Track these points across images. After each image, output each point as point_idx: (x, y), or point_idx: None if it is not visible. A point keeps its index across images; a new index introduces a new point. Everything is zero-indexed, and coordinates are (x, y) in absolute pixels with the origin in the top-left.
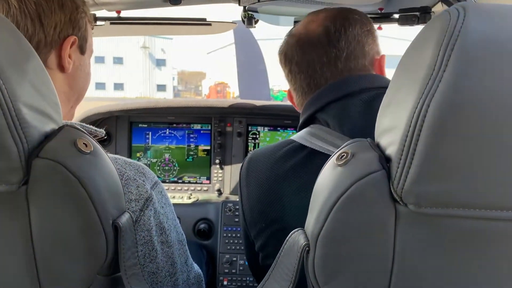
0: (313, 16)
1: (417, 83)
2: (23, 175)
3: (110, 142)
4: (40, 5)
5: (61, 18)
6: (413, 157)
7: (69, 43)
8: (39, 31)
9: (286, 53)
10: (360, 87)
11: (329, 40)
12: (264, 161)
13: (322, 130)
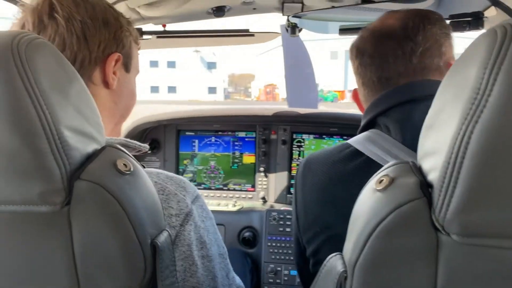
0: (391, 13)
1: (460, 106)
2: (65, 196)
3: (159, 150)
4: (86, 24)
5: (105, 35)
6: (456, 185)
7: (113, 60)
8: (84, 48)
9: (358, 46)
10: (428, 92)
11: (406, 34)
12: (321, 164)
13: (380, 136)
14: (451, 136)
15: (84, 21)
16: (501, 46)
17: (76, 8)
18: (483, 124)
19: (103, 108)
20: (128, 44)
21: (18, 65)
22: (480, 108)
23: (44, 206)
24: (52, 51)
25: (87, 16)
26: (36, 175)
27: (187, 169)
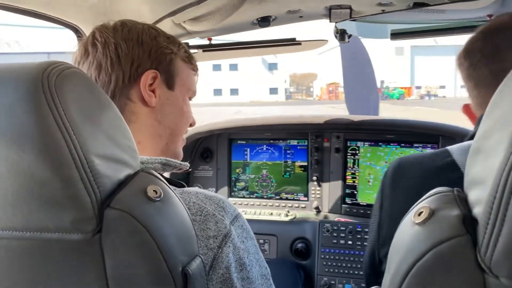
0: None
1: (508, 132)
2: (96, 224)
3: (211, 159)
4: (119, 46)
5: (139, 54)
6: (504, 222)
7: (147, 77)
8: (117, 69)
9: (467, 48)
10: None
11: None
12: (417, 169)
13: None
14: (498, 166)
15: (118, 43)
16: None
17: (113, 33)
18: None
19: (144, 127)
20: (167, 61)
21: (47, 96)
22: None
23: (76, 234)
24: (83, 80)
25: (122, 39)
26: (67, 204)
27: (239, 178)
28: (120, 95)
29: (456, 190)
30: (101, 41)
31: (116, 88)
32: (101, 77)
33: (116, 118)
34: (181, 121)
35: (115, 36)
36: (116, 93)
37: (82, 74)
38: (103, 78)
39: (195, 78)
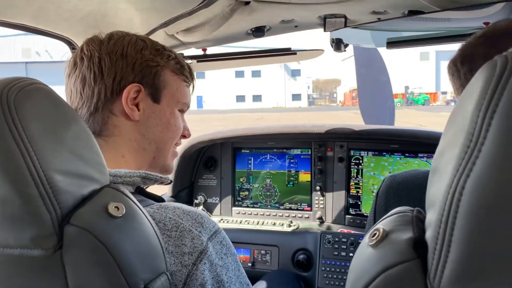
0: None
1: (455, 153)
2: (57, 240)
3: (215, 168)
4: (102, 59)
5: (122, 67)
6: (449, 248)
7: (129, 91)
8: (100, 82)
9: (465, 54)
10: None
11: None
12: (408, 188)
13: None
14: (443, 189)
15: (101, 57)
16: (499, 82)
17: (99, 47)
18: (475, 178)
19: (128, 141)
20: (152, 74)
21: (5, 113)
22: (472, 159)
23: (37, 250)
24: (46, 95)
25: (106, 52)
26: (28, 220)
27: (243, 187)
28: (103, 109)
29: (417, 211)
30: (87, 54)
31: (98, 101)
32: (85, 90)
33: (83, 133)
34: (167, 134)
35: (100, 49)
36: (98, 107)
37: (45, 89)
38: (87, 91)
39: (187, 90)
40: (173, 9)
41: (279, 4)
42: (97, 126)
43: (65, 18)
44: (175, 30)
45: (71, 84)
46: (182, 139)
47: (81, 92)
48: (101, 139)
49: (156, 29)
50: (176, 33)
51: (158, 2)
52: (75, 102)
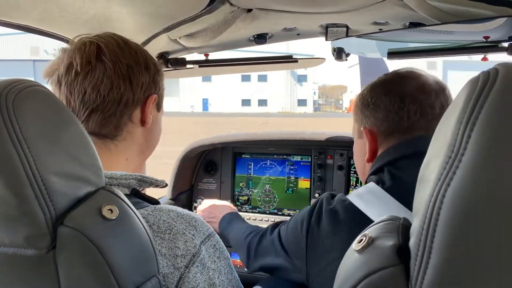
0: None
1: (438, 163)
2: (50, 241)
3: (215, 172)
4: (131, 67)
5: (147, 79)
6: (430, 255)
7: (151, 101)
8: (128, 90)
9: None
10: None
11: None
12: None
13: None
14: (427, 197)
15: (129, 64)
16: (479, 96)
17: (121, 52)
18: (455, 187)
19: (134, 145)
20: (162, 86)
21: (3, 114)
22: (453, 169)
23: (30, 250)
24: (45, 98)
25: (132, 61)
26: (22, 220)
27: (242, 192)
28: (123, 114)
29: (403, 219)
30: (110, 58)
31: (125, 107)
32: (111, 95)
33: (80, 136)
34: (158, 138)
35: (124, 56)
36: (119, 112)
37: (44, 91)
38: (114, 96)
39: None
40: (176, 14)
41: (281, 13)
42: (112, 129)
43: (69, 20)
44: (178, 35)
45: (85, 83)
46: None
47: (105, 95)
48: (113, 143)
49: (159, 34)
50: (179, 38)
51: (162, 8)
52: (90, 102)
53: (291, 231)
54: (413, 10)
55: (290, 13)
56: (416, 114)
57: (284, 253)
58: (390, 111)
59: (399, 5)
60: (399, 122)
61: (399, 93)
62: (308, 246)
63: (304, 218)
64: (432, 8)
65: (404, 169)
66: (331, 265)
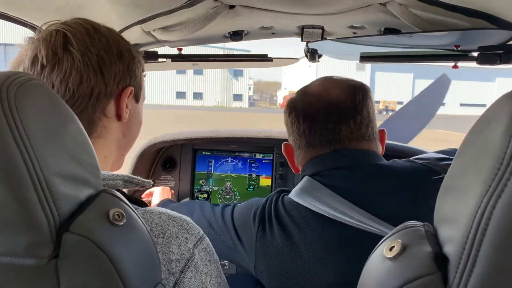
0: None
1: (482, 174)
2: (53, 248)
3: (174, 169)
4: (102, 57)
5: (120, 68)
6: (475, 263)
7: (127, 94)
8: (100, 82)
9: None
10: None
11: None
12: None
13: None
14: (471, 207)
15: (100, 54)
16: None
17: (91, 41)
18: (507, 199)
19: (111, 140)
20: (139, 75)
21: (6, 111)
22: (503, 181)
23: (30, 259)
24: (47, 93)
25: (103, 49)
26: (23, 227)
27: (202, 189)
28: (95, 109)
29: (426, 225)
30: (78, 48)
31: (97, 101)
32: (81, 89)
33: (79, 134)
34: (138, 132)
35: (94, 45)
36: (92, 106)
37: (44, 86)
38: (84, 90)
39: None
40: (154, 6)
41: (262, 11)
42: (85, 126)
43: (39, 7)
44: (153, 27)
45: (52, 77)
46: None
47: (74, 89)
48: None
49: (133, 25)
50: (153, 30)
51: None
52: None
53: (244, 215)
54: (391, 16)
55: (271, 12)
56: (310, 131)
57: (234, 231)
58: (293, 131)
59: (382, 11)
60: (300, 139)
61: (297, 113)
62: (258, 239)
63: (258, 211)
64: (414, 16)
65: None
66: (281, 265)
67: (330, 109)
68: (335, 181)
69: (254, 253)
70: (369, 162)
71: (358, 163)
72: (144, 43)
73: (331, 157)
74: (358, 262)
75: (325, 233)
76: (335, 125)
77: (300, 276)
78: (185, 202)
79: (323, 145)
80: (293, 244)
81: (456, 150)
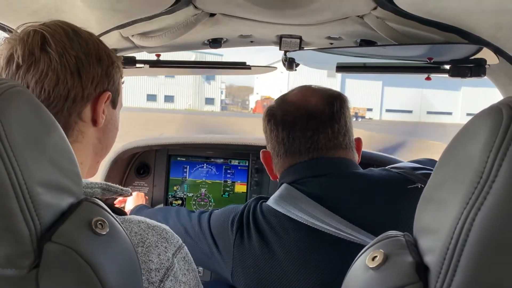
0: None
1: (462, 187)
2: (34, 259)
3: (148, 175)
4: (80, 60)
5: (98, 72)
6: (455, 273)
7: (104, 99)
8: (77, 84)
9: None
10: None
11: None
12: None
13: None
14: (452, 219)
15: (78, 56)
16: (507, 129)
17: (69, 43)
18: (486, 211)
19: (87, 146)
20: (117, 80)
21: None
22: (483, 194)
23: (9, 270)
24: (29, 100)
25: (81, 52)
26: (3, 237)
27: (176, 196)
28: (71, 112)
29: (406, 235)
30: (56, 49)
31: (73, 104)
32: (56, 90)
33: (61, 141)
34: (115, 139)
35: (73, 47)
36: (70, 110)
37: (26, 93)
38: (60, 92)
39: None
40: (134, 12)
41: (242, 20)
42: None
43: (16, 8)
44: (131, 32)
45: (28, 77)
46: None
47: (49, 90)
48: None
49: (112, 30)
50: (132, 36)
51: (120, 4)
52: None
53: (222, 222)
54: (368, 28)
55: (250, 21)
56: (289, 139)
57: (211, 238)
58: (272, 138)
59: (359, 23)
60: (278, 146)
61: (276, 120)
62: (235, 247)
63: (236, 218)
64: (390, 29)
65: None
66: (259, 273)
67: (309, 117)
68: (313, 189)
69: (231, 260)
70: (347, 171)
71: (336, 171)
72: (122, 48)
73: (310, 165)
74: (336, 270)
75: (303, 240)
76: (314, 133)
77: (278, 284)
78: (160, 208)
79: (302, 153)
80: (271, 251)
81: (430, 160)
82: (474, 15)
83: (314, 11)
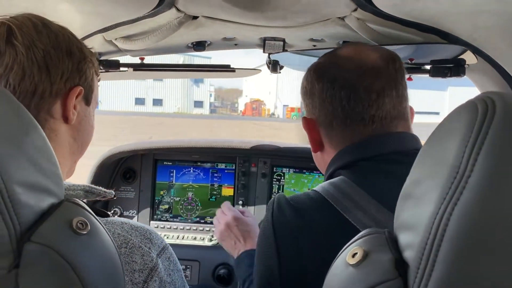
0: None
1: (439, 182)
2: (13, 259)
3: (134, 180)
4: (48, 53)
5: (69, 66)
6: (433, 268)
7: (75, 94)
8: (45, 79)
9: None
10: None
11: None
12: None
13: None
14: (429, 214)
15: (46, 50)
16: (482, 124)
17: (38, 35)
18: (463, 206)
19: (62, 145)
20: (90, 76)
21: None
22: (459, 189)
23: None
24: (7, 100)
25: (50, 45)
26: None
27: (163, 200)
28: (40, 109)
29: (387, 232)
30: (23, 42)
31: (40, 100)
32: (23, 85)
33: (41, 141)
34: (90, 137)
35: (41, 40)
36: (38, 107)
37: (6, 93)
38: (27, 87)
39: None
40: (117, 15)
41: (225, 22)
42: None
43: None
44: (114, 36)
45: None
46: None
47: (15, 85)
48: None
49: (95, 33)
50: (115, 39)
51: (102, 7)
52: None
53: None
54: (350, 30)
55: (233, 24)
56: (350, 101)
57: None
58: (324, 100)
59: (340, 25)
60: (334, 112)
61: (330, 77)
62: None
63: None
64: (371, 30)
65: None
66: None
67: (375, 74)
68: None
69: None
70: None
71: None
72: (105, 52)
73: (373, 142)
74: None
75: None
76: (378, 96)
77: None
78: None
79: (365, 121)
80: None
81: None
82: (452, 16)
83: (295, 13)
